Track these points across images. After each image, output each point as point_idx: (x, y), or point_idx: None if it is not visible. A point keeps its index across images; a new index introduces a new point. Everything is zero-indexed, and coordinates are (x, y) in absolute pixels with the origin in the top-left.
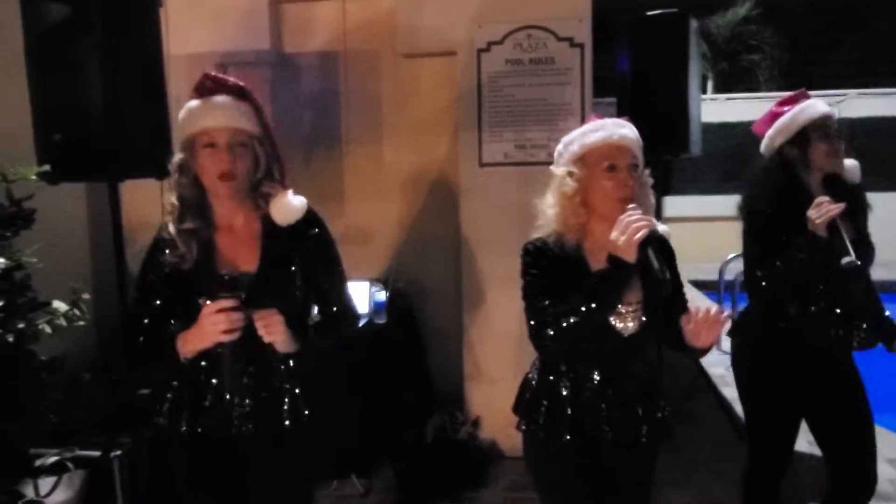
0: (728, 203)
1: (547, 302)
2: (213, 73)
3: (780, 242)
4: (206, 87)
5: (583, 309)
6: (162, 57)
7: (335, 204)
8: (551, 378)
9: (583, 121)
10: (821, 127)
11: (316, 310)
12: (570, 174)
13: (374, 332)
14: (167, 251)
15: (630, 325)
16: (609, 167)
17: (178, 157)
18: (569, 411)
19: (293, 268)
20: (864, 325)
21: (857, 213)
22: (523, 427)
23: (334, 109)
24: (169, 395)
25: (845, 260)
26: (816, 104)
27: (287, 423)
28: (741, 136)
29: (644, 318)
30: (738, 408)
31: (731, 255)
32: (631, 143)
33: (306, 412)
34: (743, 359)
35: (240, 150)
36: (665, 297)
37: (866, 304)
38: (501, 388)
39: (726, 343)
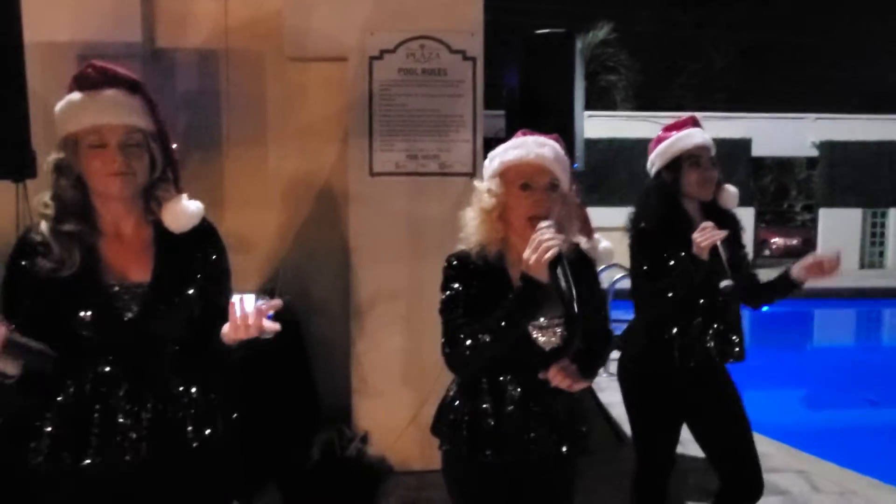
0: (591, 214)
1: (463, 319)
2: (99, 63)
3: (662, 259)
4: (90, 79)
5: (497, 327)
6: (22, 44)
7: (214, 211)
8: (473, 394)
9: (475, 132)
10: (692, 157)
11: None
12: (489, 190)
13: (258, 347)
14: (39, 257)
15: (552, 339)
16: (523, 185)
17: (55, 156)
18: (491, 425)
19: (189, 277)
20: (736, 339)
21: (735, 238)
22: (445, 447)
23: (214, 111)
24: (48, 429)
25: (724, 283)
26: (693, 134)
27: (193, 443)
28: (601, 151)
29: (566, 333)
30: (616, 412)
31: (602, 266)
32: (549, 163)
33: (208, 430)
34: (628, 369)
35: (134, 150)
36: (579, 314)
37: (739, 320)
38: (389, 401)
39: None
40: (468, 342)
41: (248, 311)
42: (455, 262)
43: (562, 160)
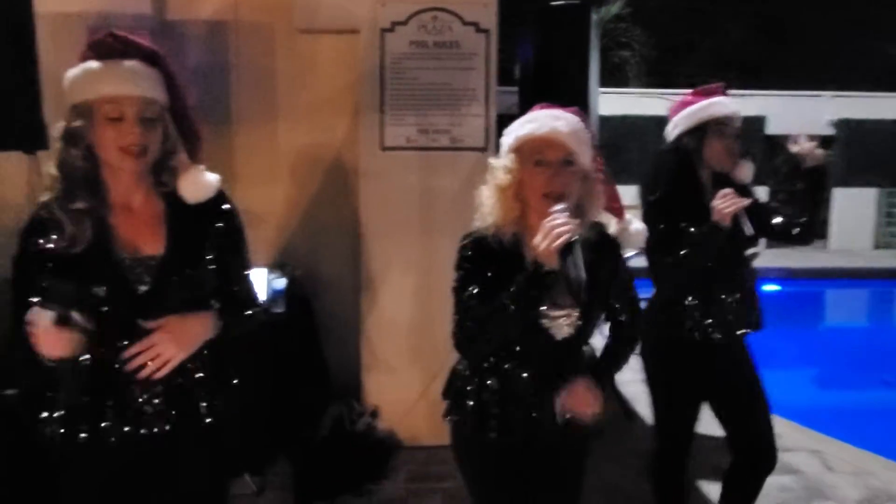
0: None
1: (474, 300)
2: (119, 32)
3: (679, 228)
4: (110, 48)
5: (504, 311)
6: (32, 14)
7: (224, 185)
8: (481, 372)
9: (487, 107)
10: (720, 126)
11: (216, 304)
12: (504, 167)
13: (270, 322)
14: (51, 234)
15: (564, 328)
16: (538, 161)
17: (66, 124)
18: (496, 408)
19: (203, 249)
20: (755, 308)
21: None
22: (451, 418)
23: (223, 84)
24: (63, 399)
25: (750, 251)
26: (724, 103)
27: (207, 418)
28: (613, 128)
29: (580, 322)
30: (627, 390)
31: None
32: (563, 137)
33: (221, 403)
34: (651, 345)
35: (149, 123)
36: (591, 303)
37: (755, 289)
38: (400, 377)
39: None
40: (477, 324)
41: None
42: (472, 242)
43: (579, 134)
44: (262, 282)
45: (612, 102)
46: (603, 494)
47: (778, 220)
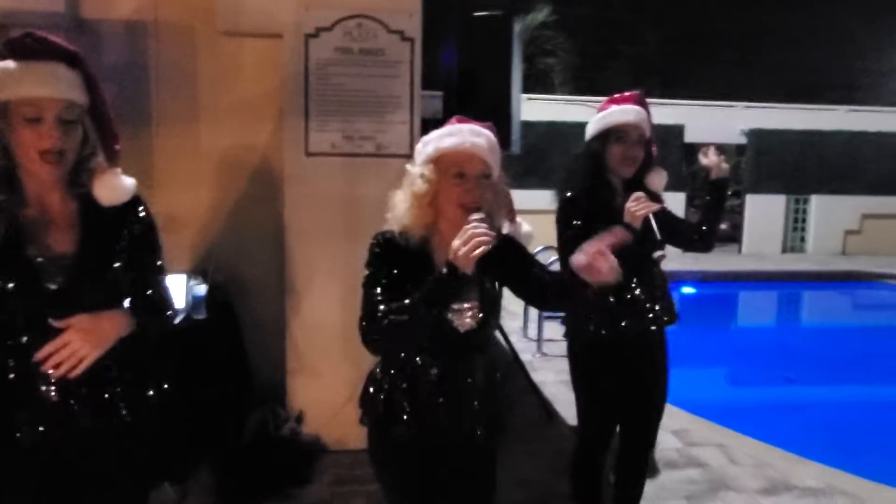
0: (528, 197)
1: (382, 296)
2: (38, 33)
3: (588, 228)
4: (27, 48)
5: (414, 309)
6: None
7: (142, 190)
8: (392, 372)
9: (412, 113)
10: (620, 132)
11: (128, 302)
12: (422, 175)
13: (191, 328)
14: None
15: (468, 321)
16: (457, 174)
17: None
18: (406, 406)
19: (116, 251)
20: (666, 306)
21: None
22: (365, 421)
23: (142, 85)
24: None
25: (657, 253)
26: (627, 111)
27: (126, 417)
28: (539, 134)
29: (481, 316)
30: (547, 391)
31: (539, 248)
32: (483, 152)
33: (141, 405)
34: (575, 345)
35: (68, 125)
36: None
37: (667, 285)
38: (325, 381)
39: (532, 331)
40: (385, 320)
41: None
42: (382, 240)
43: (495, 149)
44: (183, 288)
45: (537, 109)
46: (523, 491)
47: (682, 227)
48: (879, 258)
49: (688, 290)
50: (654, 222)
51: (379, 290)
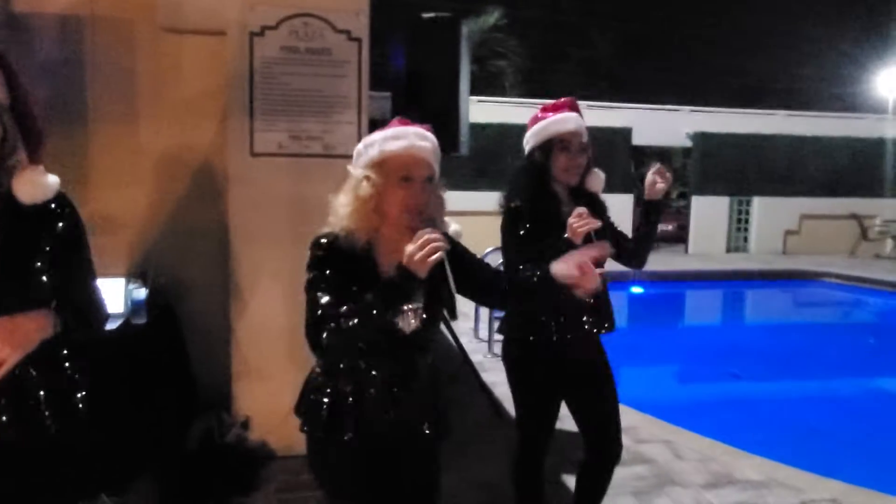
0: (479, 198)
1: (328, 301)
2: None
3: (531, 239)
4: None
5: (364, 313)
6: None
7: (77, 188)
8: (334, 376)
9: (359, 114)
10: (563, 141)
11: (53, 304)
12: (367, 178)
13: (131, 334)
14: None
15: (412, 322)
16: (404, 178)
17: None
18: (351, 408)
19: (38, 252)
20: (608, 312)
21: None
22: (306, 428)
23: (77, 82)
24: None
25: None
26: (567, 119)
27: (52, 428)
28: (490, 136)
29: (425, 316)
30: (498, 391)
31: (490, 249)
32: (429, 156)
33: (69, 414)
34: (511, 347)
35: None
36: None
37: (607, 295)
38: (273, 385)
39: (483, 332)
40: (332, 325)
41: None
42: (324, 243)
43: (438, 152)
44: (122, 291)
45: (488, 111)
46: (474, 492)
47: (621, 243)
48: (817, 257)
49: (636, 289)
50: (594, 238)
51: (324, 293)
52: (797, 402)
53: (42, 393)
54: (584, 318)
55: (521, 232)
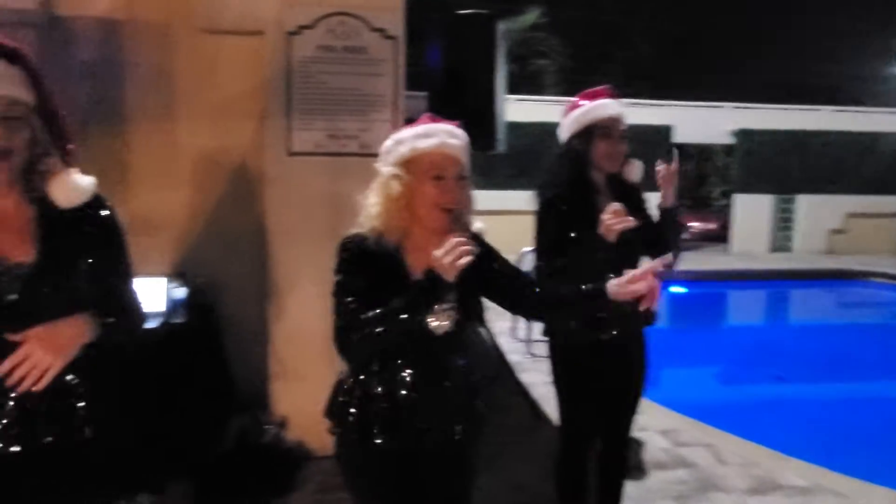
0: (519, 198)
1: (356, 305)
2: None
3: (567, 231)
4: None
5: (393, 318)
6: None
7: (117, 190)
8: (364, 378)
9: (396, 112)
10: (604, 127)
11: (92, 309)
12: (397, 177)
13: (171, 333)
14: None
15: (444, 323)
16: (436, 176)
17: None
18: (381, 411)
19: (77, 257)
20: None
21: (640, 210)
22: (336, 430)
23: (117, 84)
24: None
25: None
26: (608, 105)
27: (87, 431)
28: (530, 135)
29: (458, 317)
30: (536, 392)
31: (527, 248)
32: (460, 153)
33: (101, 417)
34: (556, 345)
35: (14, 123)
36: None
37: None
38: (310, 385)
39: (521, 332)
40: (362, 330)
41: None
42: (352, 246)
43: (468, 150)
44: (162, 291)
45: (527, 110)
46: (511, 494)
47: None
48: (863, 256)
49: (677, 289)
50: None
51: (352, 298)
52: (843, 405)
53: (80, 398)
54: (625, 314)
55: (556, 224)
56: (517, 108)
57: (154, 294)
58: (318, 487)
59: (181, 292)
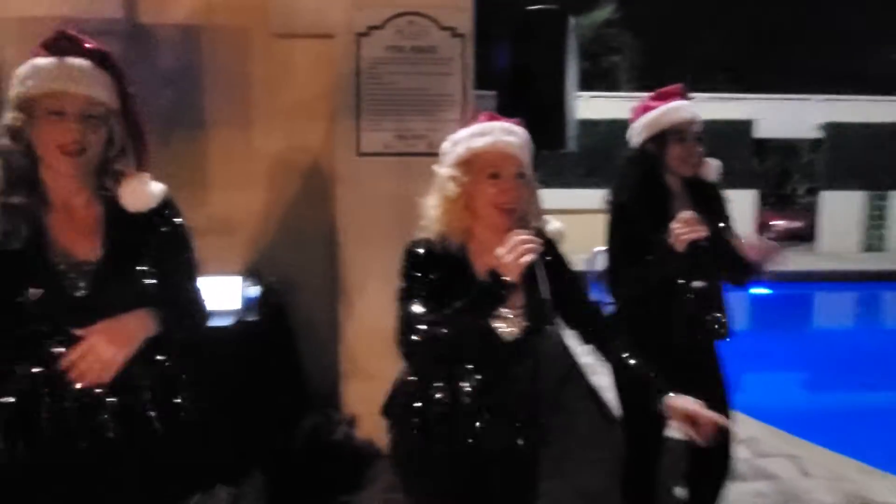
0: (591, 196)
1: (419, 310)
2: (70, 32)
3: (639, 236)
4: (59, 46)
5: (457, 320)
6: None
7: (197, 192)
8: (426, 382)
9: (464, 112)
10: (679, 131)
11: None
12: (453, 178)
13: (244, 330)
14: None
15: (513, 329)
16: (492, 175)
17: (9, 116)
18: (443, 418)
19: (141, 257)
20: (721, 318)
21: (718, 211)
22: (395, 433)
23: (197, 89)
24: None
25: (697, 284)
26: (681, 108)
27: (154, 429)
28: (603, 133)
29: (526, 323)
30: (608, 395)
31: (599, 248)
32: (517, 151)
33: (172, 416)
34: None
35: (93, 122)
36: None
37: (721, 299)
38: (378, 384)
39: None
40: (425, 333)
41: None
42: (417, 250)
43: (528, 146)
44: (236, 290)
45: (599, 107)
46: (579, 500)
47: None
48: None
49: (760, 290)
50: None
51: (416, 301)
52: None
53: (148, 392)
54: (702, 325)
55: (627, 229)
56: (589, 106)
57: (228, 292)
58: (387, 486)
59: (254, 291)
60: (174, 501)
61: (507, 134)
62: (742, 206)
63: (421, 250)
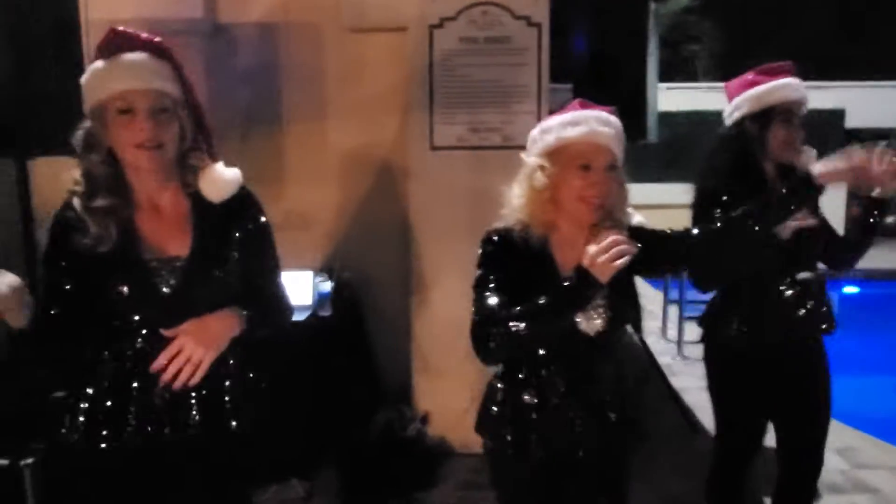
0: (669, 191)
1: (497, 301)
2: (120, 28)
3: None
4: (113, 45)
5: (538, 317)
6: (79, 19)
7: (274, 187)
8: (515, 386)
9: (539, 103)
10: (787, 111)
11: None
12: (541, 167)
13: (317, 325)
14: (75, 234)
15: (597, 322)
16: (583, 166)
17: (84, 127)
18: (535, 424)
19: (229, 250)
20: (825, 310)
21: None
22: (490, 446)
23: (274, 85)
24: (84, 405)
25: (803, 275)
26: (792, 86)
27: (233, 423)
28: (681, 125)
29: (611, 315)
30: (689, 398)
31: None
32: (610, 142)
33: (251, 410)
34: (713, 358)
35: (163, 116)
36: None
37: (824, 290)
38: (452, 381)
39: (672, 332)
40: (501, 328)
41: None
42: (497, 239)
43: (621, 138)
44: (309, 285)
45: (678, 98)
46: None
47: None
48: None
49: (850, 289)
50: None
51: (493, 293)
52: None
53: (228, 391)
54: (793, 317)
55: (714, 216)
56: (668, 97)
57: (302, 287)
58: (460, 484)
59: (327, 286)
60: (251, 492)
61: (602, 124)
62: (833, 200)
63: (500, 239)
